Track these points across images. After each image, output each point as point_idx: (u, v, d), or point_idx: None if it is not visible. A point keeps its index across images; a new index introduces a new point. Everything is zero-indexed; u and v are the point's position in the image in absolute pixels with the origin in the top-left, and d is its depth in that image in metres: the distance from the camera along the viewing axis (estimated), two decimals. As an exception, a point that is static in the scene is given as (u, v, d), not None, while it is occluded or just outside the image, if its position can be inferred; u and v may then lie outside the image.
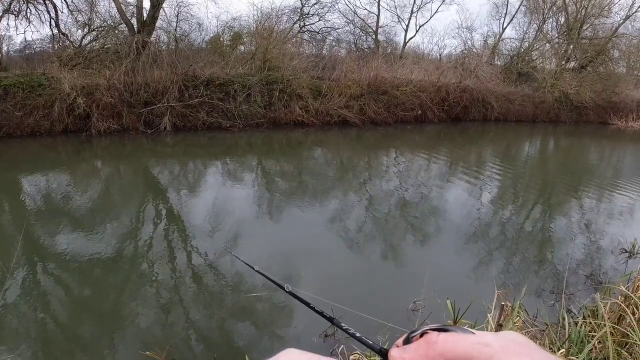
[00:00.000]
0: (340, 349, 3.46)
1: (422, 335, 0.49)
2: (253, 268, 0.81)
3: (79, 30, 18.45)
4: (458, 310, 3.17)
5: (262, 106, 17.20)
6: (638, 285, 4.42)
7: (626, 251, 6.64)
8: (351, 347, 3.44)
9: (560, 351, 2.98)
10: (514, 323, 3.22)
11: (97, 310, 4.56)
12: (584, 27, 27.92)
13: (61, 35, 18.14)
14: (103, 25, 17.90)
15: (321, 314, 0.64)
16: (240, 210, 8.01)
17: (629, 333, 3.35)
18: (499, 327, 2.79)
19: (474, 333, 0.47)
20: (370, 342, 0.54)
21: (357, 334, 0.57)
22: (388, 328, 3.34)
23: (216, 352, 3.85)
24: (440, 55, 29.96)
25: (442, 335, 0.47)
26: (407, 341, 0.50)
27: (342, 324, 0.61)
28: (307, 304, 0.66)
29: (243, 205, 8.47)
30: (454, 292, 4.08)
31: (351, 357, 3.17)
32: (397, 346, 0.51)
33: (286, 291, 0.68)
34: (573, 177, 13.08)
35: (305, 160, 13.82)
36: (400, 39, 29.59)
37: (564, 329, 3.57)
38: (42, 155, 12.24)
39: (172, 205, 8.55)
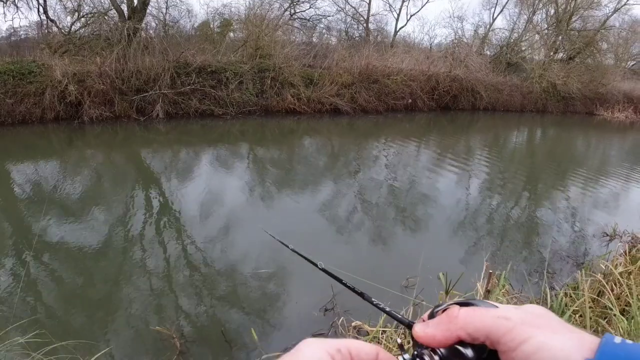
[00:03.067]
0: (340, 321, 3.66)
1: (445, 310, 0.51)
2: (287, 246, 0.83)
3: (68, 17, 18.32)
4: (449, 281, 3.37)
5: (254, 94, 17.25)
6: (617, 264, 4.71)
7: (607, 235, 6.93)
8: (350, 319, 3.64)
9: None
10: (500, 290, 3.45)
11: (99, 292, 4.71)
12: (573, 19, 28.20)
13: (50, 22, 17.98)
14: (92, 11, 17.78)
15: (353, 289, 0.66)
16: (234, 198, 8.15)
17: (608, 305, 3.59)
18: (487, 292, 3.00)
19: (497, 307, 0.49)
20: (399, 316, 0.57)
21: (387, 309, 0.60)
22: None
23: (223, 327, 4.04)
24: (430, 44, 30.16)
25: (464, 309, 0.49)
26: (432, 316, 0.52)
27: (373, 299, 0.63)
28: (340, 280, 0.68)
29: (236, 193, 8.59)
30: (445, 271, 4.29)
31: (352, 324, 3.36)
32: (423, 320, 0.53)
33: (319, 268, 0.70)
34: (559, 166, 13.37)
35: (298, 148, 13.95)
36: (391, 27, 29.70)
37: (547, 303, 3.81)
38: (34, 143, 12.22)
39: (165, 191, 8.66)
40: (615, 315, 3.43)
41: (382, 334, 3.23)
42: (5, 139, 12.27)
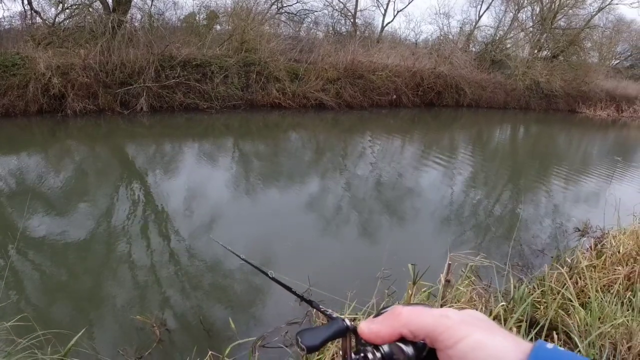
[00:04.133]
0: (314, 310, 3.80)
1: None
2: (239, 256, 0.85)
3: (53, 8, 18.10)
4: (417, 272, 3.54)
5: (239, 88, 17.27)
6: (582, 258, 4.94)
7: (579, 230, 7.18)
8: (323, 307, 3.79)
9: (502, 303, 3.37)
10: (464, 281, 3.63)
11: (80, 282, 4.81)
12: (558, 17, 28.57)
13: (34, 13, 17.77)
14: (77, 3, 17.59)
15: (301, 297, 0.69)
16: (217, 192, 8.25)
17: (568, 297, 3.79)
18: (447, 282, 3.17)
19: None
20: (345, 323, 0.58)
21: (334, 315, 0.61)
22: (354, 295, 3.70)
23: (201, 316, 4.19)
24: (416, 41, 30.35)
25: (407, 308, 0.52)
26: (378, 316, 0.55)
27: (320, 307, 0.65)
28: (289, 289, 0.70)
29: (220, 186, 8.70)
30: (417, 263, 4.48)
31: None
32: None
33: (269, 277, 0.70)
34: (540, 163, 13.68)
35: (282, 142, 14.06)
36: (378, 23, 29.80)
37: (510, 293, 4.00)
38: (17, 136, 12.13)
39: (148, 184, 8.73)
40: (574, 306, 3.63)
41: (353, 320, 3.38)
42: (-12, 131, 12.19)
